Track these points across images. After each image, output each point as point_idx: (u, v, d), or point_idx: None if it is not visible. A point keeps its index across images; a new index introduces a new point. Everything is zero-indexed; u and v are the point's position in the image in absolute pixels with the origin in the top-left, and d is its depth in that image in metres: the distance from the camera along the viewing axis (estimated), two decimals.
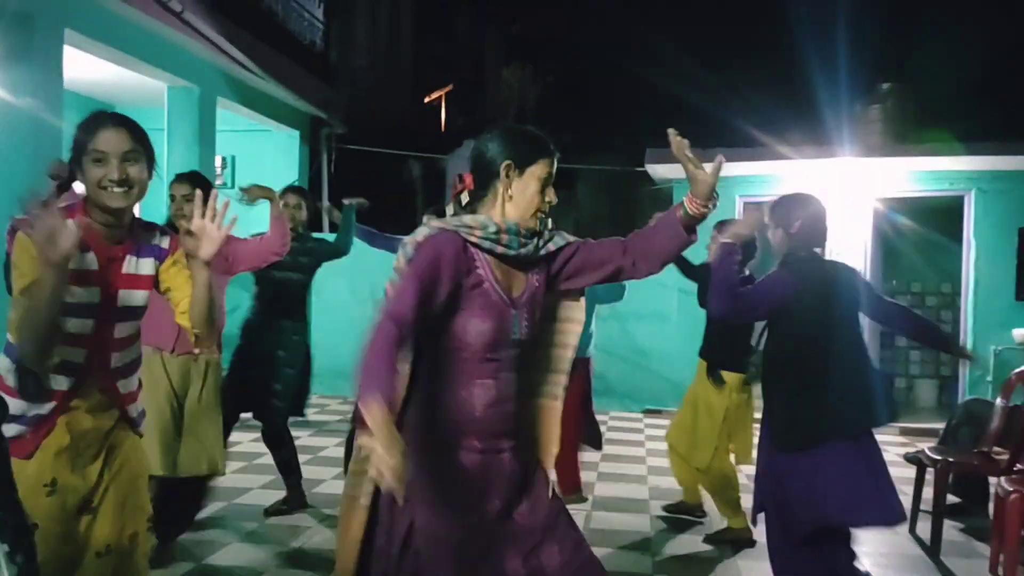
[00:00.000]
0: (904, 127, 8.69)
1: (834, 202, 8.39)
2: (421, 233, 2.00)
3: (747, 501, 3.41)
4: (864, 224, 8.35)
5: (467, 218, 2.02)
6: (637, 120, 11.31)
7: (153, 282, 2.19)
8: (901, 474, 6.00)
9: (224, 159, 8.87)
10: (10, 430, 1.99)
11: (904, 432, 7.83)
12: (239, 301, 4.57)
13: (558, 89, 14.23)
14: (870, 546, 4.43)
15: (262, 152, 9.12)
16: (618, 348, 8.34)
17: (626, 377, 8.52)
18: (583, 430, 4.99)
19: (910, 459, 5.14)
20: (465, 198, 2.13)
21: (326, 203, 9.70)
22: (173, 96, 7.15)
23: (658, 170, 8.45)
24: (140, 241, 2.18)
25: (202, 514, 4.44)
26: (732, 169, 8.24)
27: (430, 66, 14.16)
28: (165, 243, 2.22)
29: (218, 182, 8.37)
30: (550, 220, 2.12)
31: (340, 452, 6.23)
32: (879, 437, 2.89)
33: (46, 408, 2.07)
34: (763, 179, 8.36)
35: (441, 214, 4.54)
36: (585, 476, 5.71)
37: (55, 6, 5.28)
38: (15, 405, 2.04)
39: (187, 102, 7.17)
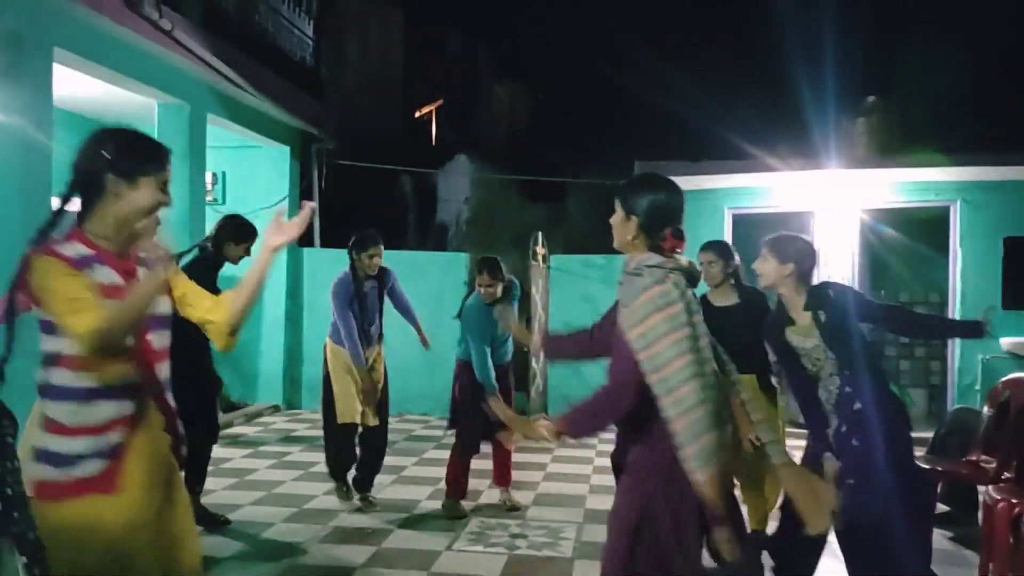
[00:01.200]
0: (889, 139, 8.79)
1: (821, 214, 8.48)
2: None
3: None
4: (851, 235, 8.42)
5: None
6: (627, 134, 11.38)
7: (168, 289, 2.15)
8: None
9: (215, 175, 8.88)
10: (91, 467, 1.94)
11: None
12: None
13: (549, 104, 14.31)
14: None
15: (253, 168, 9.13)
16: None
17: None
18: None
19: None
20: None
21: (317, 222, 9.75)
22: (163, 113, 7.16)
23: None
24: (142, 255, 2.15)
25: None
26: (721, 181, 8.30)
27: (421, 81, 14.22)
28: (160, 252, 2.17)
29: (208, 199, 8.37)
30: None
31: None
32: None
33: (118, 435, 1.98)
34: (751, 191, 8.43)
35: None
36: (576, 488, 5.73)
37: (45, 25, 5.30)
38: (83, 444, 1.94)
39: (177, 119, 7.18)
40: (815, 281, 3.32)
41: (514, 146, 13.42)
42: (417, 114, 14.50)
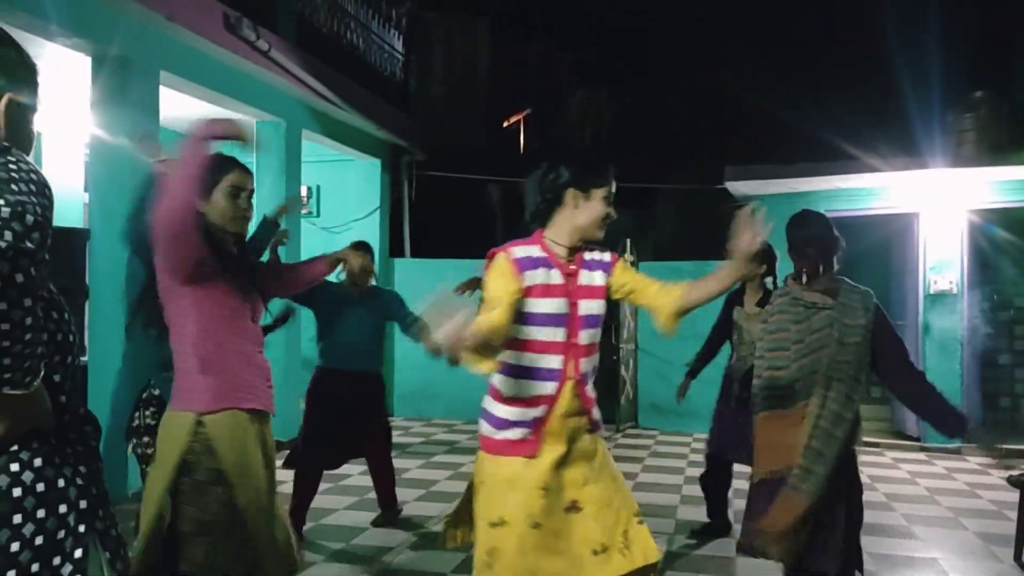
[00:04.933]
0: (999, 136, 8.31)
1: (926, 215, 8.11)
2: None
3: None
4: (958, 238, 8.01)
5: None
6: (716, 137, 11.15)
7: (606, 292, 2.43)
8: (1004, 498, 5.70)
9: (309, 189, 9.16)
10: (516, 433, 2.32)
11: (1008, 454, 7.43)
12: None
13: (635, 109, 14.16)
14: (972, 574, 4.22)
15: (345, 181, 9.37)
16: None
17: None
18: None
19: (1014, 482, 4.86)
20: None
21: (407, 229, 9.93)
22: (261, 130, 7.42)
23: (738, 187, 8.29)
24: (586, 258, 2.45)
25: None
26: (817, 184, 8.02)
27: (506, 91, 14.31)
28: (607, 257, 2.50)
29: (304, 211, 8.62)
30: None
31: (423, 474, 6.31)
32: (979, 460, 2.80)
33: (539, 411, 2.32)
34: (850, 193, 8.11)
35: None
36: (667, 499, 5.61)
37: (151, 50, 5.57)
38: (513, 411, 2.33)
39: (274, 136, 7.43)
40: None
41: (602, 152, 13.33)
42: (505, 124, 14.60)
